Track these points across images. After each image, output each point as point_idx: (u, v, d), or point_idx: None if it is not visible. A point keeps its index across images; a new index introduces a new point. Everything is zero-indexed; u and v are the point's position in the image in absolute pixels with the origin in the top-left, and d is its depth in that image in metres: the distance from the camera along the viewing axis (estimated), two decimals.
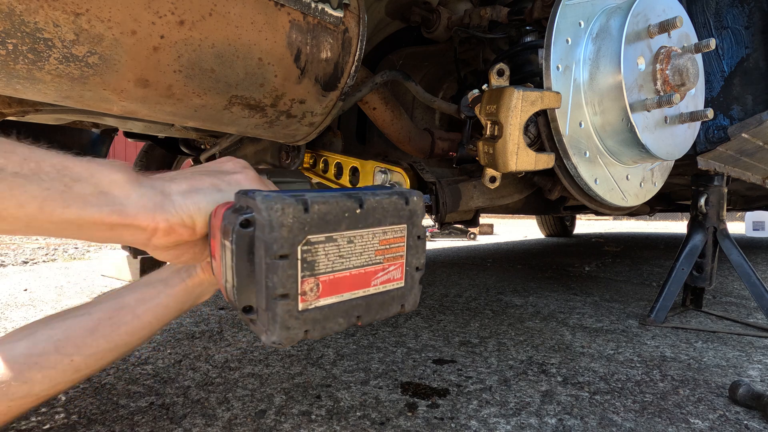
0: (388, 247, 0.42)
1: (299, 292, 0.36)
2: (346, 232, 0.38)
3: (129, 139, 1.56)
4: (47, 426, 0.70)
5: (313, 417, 0.73)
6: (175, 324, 1.26)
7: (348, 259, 0.39)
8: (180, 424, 0.71)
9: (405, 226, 0.43)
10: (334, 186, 1.13)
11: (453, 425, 0.71)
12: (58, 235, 0.39)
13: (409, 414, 0.74)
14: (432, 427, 0.70)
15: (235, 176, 0.47)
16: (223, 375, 0.90)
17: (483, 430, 0.70)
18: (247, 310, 0.38)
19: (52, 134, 1.52)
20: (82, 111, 0.90)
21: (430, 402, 0.79)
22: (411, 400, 0.80)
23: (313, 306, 0.37)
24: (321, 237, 0.37)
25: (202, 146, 1.46)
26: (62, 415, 0.74)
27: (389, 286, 0.43)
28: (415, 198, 0.43)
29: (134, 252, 2.00)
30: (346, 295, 0.40)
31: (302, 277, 0.36)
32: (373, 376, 0.90)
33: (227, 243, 0.38)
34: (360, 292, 0.41)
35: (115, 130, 1.43)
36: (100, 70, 0.54)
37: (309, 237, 0.36)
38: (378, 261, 0.41)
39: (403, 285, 0.44)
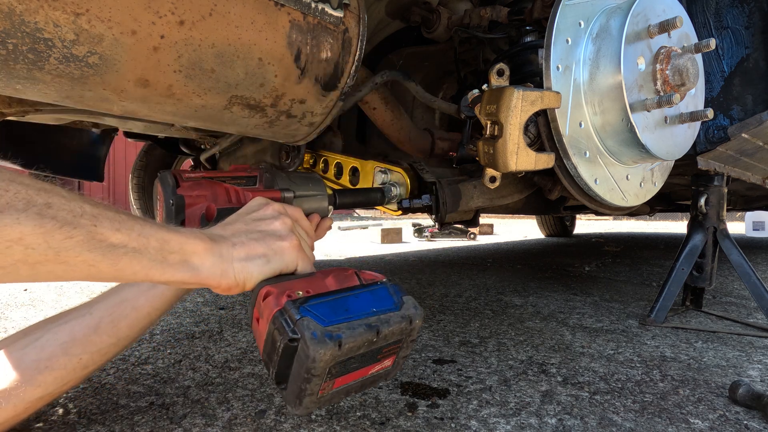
0: (388, 352, 0.54)
1: (320, 388, 0.49)
2: (363, 352, 0.50)
3: (129, 139, 1.56)
4: (47, 426, 0.70)
5: (313, 417, 0.73)
6: (175, 324, 1.26)
7: (358, 365, 0.51)
8: (180, 424, 0.71)
9: (404, 338, 0.54)
10: (335, 186, 1.13)
11: (453, 425, 0.71)
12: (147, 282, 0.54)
13: (409, 414, 0.74)
14: (432, 427, 0.70)
15: (281, 244, 0.56)
16: (223, 375, 0.90)
17: (483, 430, 0.70)
18: (279, 383, 0.50)
19: (52, 134, 1.52)
20: (82, 111, 0.90)
21: (430, 402, 0.79)
22: (411, 400, 0.80)
23: (327, 394, 0.50)
24: (344, 359, 0.48)
25: (202, 146, 1.46)
26: (62, 414, 0.74)
27: (381, 371, 0.56)
28: (417, 321, 0.54)
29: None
30: (351, 383, 0.53)
31: (325, 381, 0.48)
32: None
33: (276, 339, 0.48)
34: (360, 379, 0.54)
35: (115, 130, 1.43)
36: (100, 70, 0.54)
37: (336, 361, 0.47)
38: (377, 360, 0.53)
39: (390, 368, 0.57)
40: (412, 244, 4.05)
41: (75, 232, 0.41)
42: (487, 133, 0.82)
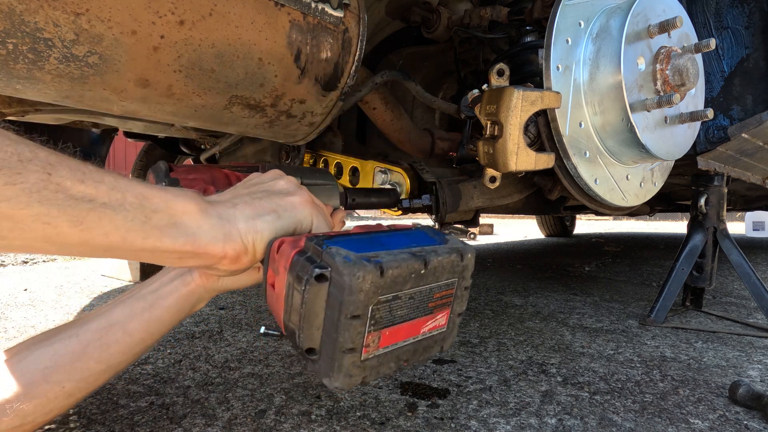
0: (440, 298, 0.45)
1: (363, 344, 0.39)
2: (410, 290, 0.41)
3: (129, 139, 1.56)
4: (46, 426, 0.70)
5: (313, 417, 0.73)
6: None
7: (407, 312, 0.42)
8: (180, 424, 0.71)
9: (456, 279, 0.45)
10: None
11: (453, 425, 0.71)
12: (132, 259, 0.41)
13: (409, 414, 0.74)
14: (432, 427, 0.70)
15: (290, 199, 0.48)
16: (223, 375, 0.90)
17: (483, 430, 0.70)
18: (310, 351, 0.40)
19: (52, 134, 1.52)
20: (82, 111, 0.90)
21: (430, 402, 0.79)
22: (411, 400, 0.80)
23: (372, 355, 0.40)
24: (389, 296, 0.39)
25: (202, 146, 1.46)
26: (62, 414, 0.74)
27: (434, 332, 0.46)
28: (469, 255, 0.45)
29: None
30: (400, 343, 0.43)
31: (368, 332, 0.39)
32: None
33: (298, 288, 0.39)
34: (411, 339, 0.44)
35: (115, 130, 1.43)
36: (100, 70, 0.54)
37: (380, 297, 0.38)
38: (429, 311, 0.44)
39: (445, 329, 0.47)
40: None
41: (19, 179, 0.32)
42: (487, 133, 0.82)
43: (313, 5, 0.65)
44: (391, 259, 0.39)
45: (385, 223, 0.53)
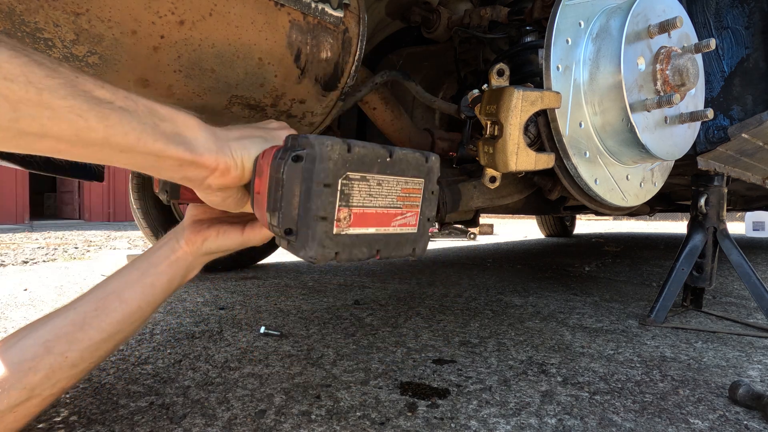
0: (407, 195, 0.49)
1: (335, 218, 0.43)
2: (377, 175, 0.45)
3: None
4: (46, 426, 0.70)
5: (313, 417, 0.73)
6: (175, 324, 1.26)
7: (375, 199, 0.46)
8: (180, 424, 0.71)
9: (423, 180, 0.50)
10: None
11: (453, 425, 0.71)
12: (138, 166, 0.45)
13: (409, 414, 0.74)
14: (432, 427, 0.70)
15: (279, 132, 0.54)
16: (223, 375, 0.90)
17: (483, 430, 0.70)
18: (288, 232, 0.44)
19: None
20: None
21: (430, 402, 0.79)
22: (411, 400, 0.80)
23: (344, 232, 0.45)
24: (357, 175, 0.44)
25: None
26: (61, 414, 0.74)
27: (405, 230, 0.50)
28: (433, 158, 0.50)
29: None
30: (371, 230, 0.47)
31: (339, 206, 0.43)
32: (373, 376, 0.90)
33: (277, 175, 0.43)
34: (382, 230, 0.48)
35: None
36: (100, 70, 0.54)
37: (348, 173, 0.43)
38: (398, 205, 0.48)
39: (416, 231, 0.51)
40: None
41: (55, 74, 0.37)
42: (487, 133, 0.82)
43: (313, 5, 0.65)
44: (358, 142, 0.44)
45: None
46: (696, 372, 0.95)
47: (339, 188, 0.43)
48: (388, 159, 0.46)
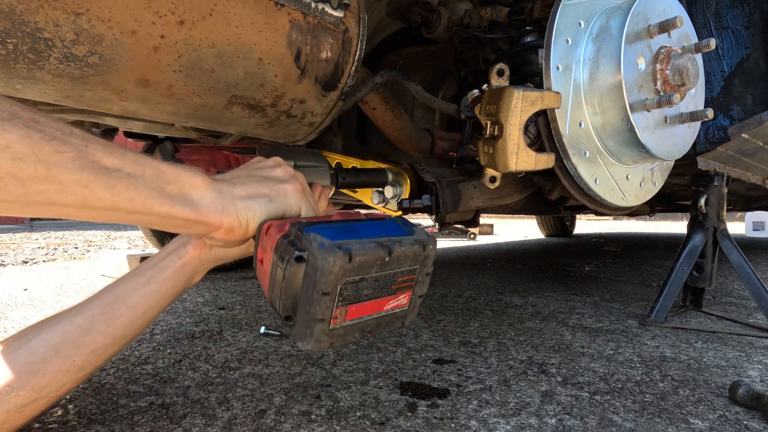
0: (402, 281, 0.51)
1: (332, 316, 0.45)
2: (375, 274, 0.47)
3: (129, 139, 1.56)
4: (46, 426, 0.70)
5: (313, 417, 0.73)
6: (175, 324, 1.26)
7: (372, 292, 0.48)
8: (180, 424, 0.71)
9: (418, 266, 0.51)
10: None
11: (453, 425, 0.71)
12: (147, 224, 0.47)
13: (409, 414, 0.74)
14: (432, 427, 0.70)
15: (284, 187, 0.54)
16: (223, 375, 0.90)
17: (483, 430, 0.70)
18: (288, 318, 0.47)
19: None
20: (82, 111, 0.90)
21: (430, 402, 0.79)
22: (411, 400, 0.80)
23: (339, 326, 0.47)
24: (356, 278, 0.45)
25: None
26: (61, 414, 0.74)
27: (396, 310, 0.52)
28: (431, 246, 0.51)
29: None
30: (365, 317, 0.49)
31: (336, 307, 0.45)
32: (373, 376, 0.90)
33: (281, 266, 0.45)
34: (375, 315, 0.50)
35: (115, 130, 1.43)
36: (100, 70, 0.54)
37: (347, 279, 0.44)
38: (393, 292, 0.50)
39: (406, 308, 0.53)
40: None
41: (65, 148, 0.38)
42: (487, 133, 0.82)
43: (313, 5, 0.65)
44: (359, 247, 0.45)
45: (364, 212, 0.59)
46: (696, 372, 0.95)
47: (338, 293, 0.44)
48: (387, 259, 0.47)
